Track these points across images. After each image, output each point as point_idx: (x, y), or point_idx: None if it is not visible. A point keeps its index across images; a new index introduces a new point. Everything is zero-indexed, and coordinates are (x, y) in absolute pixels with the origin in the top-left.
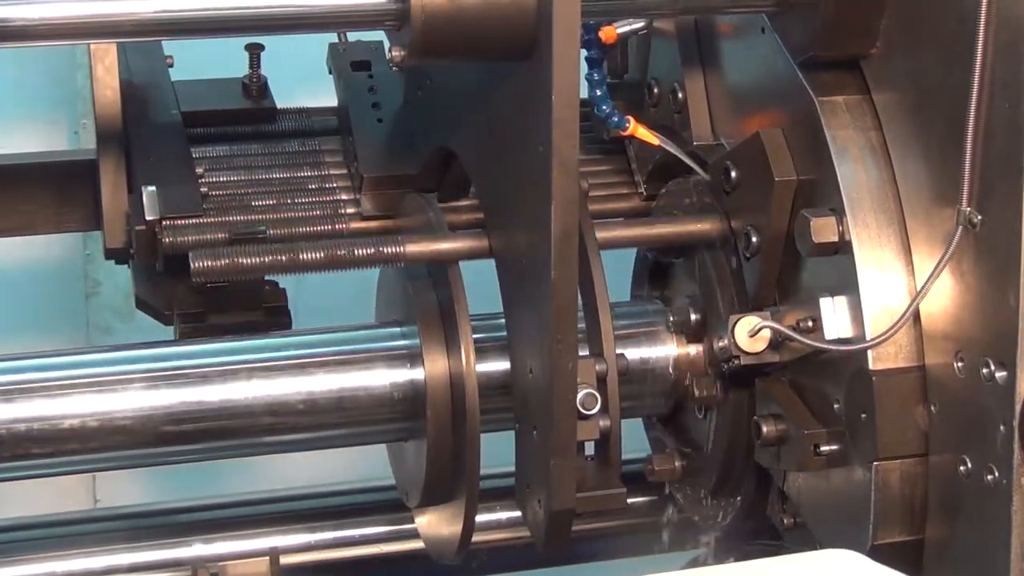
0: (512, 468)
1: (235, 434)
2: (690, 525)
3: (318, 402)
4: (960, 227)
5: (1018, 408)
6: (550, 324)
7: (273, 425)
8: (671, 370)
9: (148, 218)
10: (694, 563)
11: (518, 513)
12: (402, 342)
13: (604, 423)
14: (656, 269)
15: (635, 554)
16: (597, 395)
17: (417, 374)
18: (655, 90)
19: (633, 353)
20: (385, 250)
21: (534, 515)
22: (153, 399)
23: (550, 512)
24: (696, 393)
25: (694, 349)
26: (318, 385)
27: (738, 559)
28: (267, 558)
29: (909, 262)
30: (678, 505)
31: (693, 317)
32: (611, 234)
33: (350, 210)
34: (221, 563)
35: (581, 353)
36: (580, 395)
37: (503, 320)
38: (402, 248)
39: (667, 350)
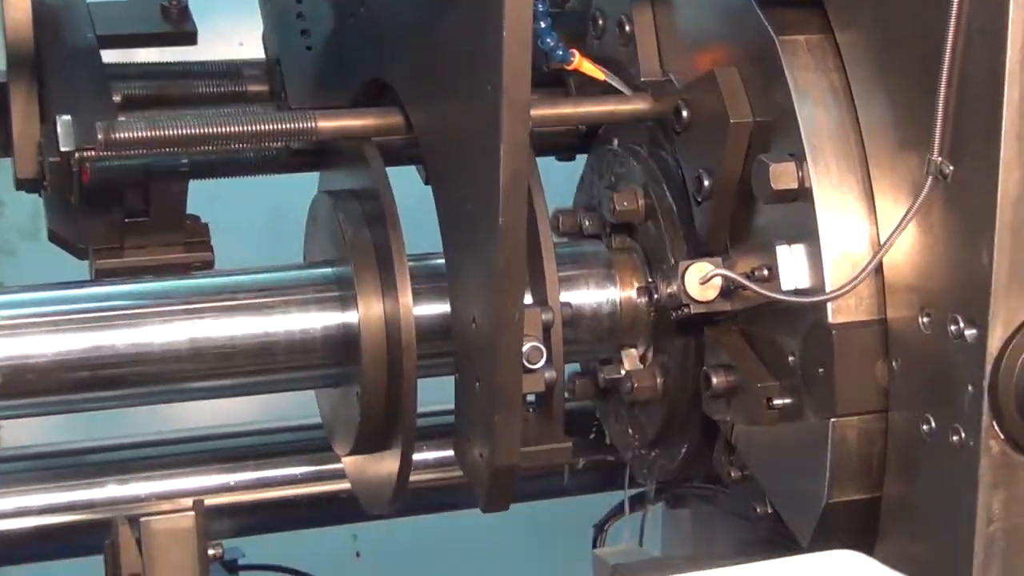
0: (441, 407)
1: (154, 380)
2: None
3: (243, 347)
4: (930, 178)
5: (988, 368)
6: (496, 274)
7: (195, 371)
8: (614, 315)
9: (63, 149)
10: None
11: (447, 453)
12: (334, 284)
13: (549, 375)
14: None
15: (562, 495)
16: (543, 348)
17: (350, 317)
18: (600, 21)
19: (574, 297)
20: (297, 125)
21: (475, 469)
22: (65, 343)
23: (493, 467)
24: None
25: (639, 294)
26: (243, 328)
27: (674, 503)
28: (192, 513)
29: (872, 211)
30: (617, 453)
31: (639, 261)
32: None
33: (277, 144)
34: (144, 518)
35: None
36: (526, 348)
37: (442, 261)
38: (314, 123)
39: (610, 294)
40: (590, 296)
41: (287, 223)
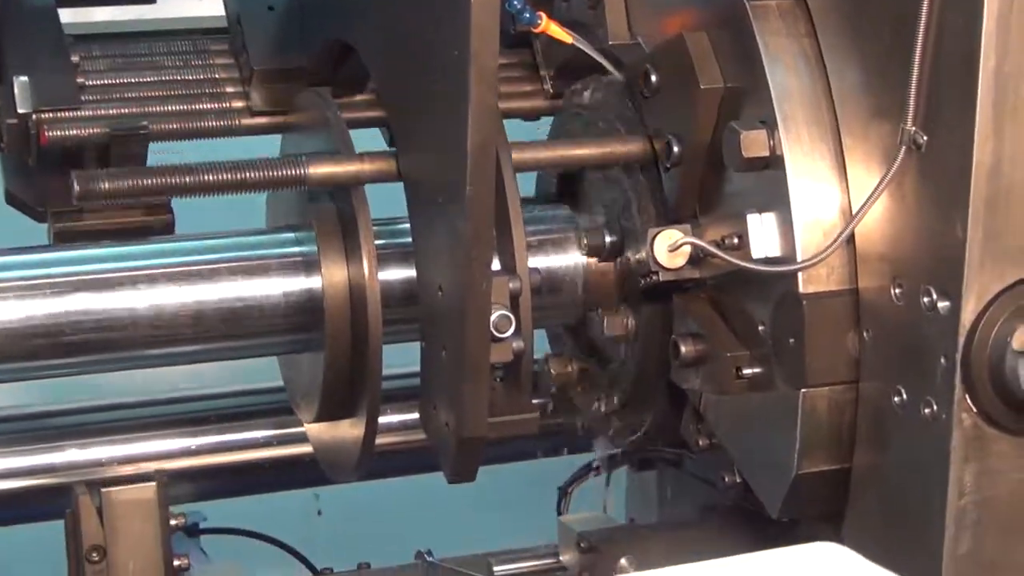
0: (404, 370)
1: (114, 347)
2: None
3: (206, 313)
4: (903, 147)
5: (961, 341)
6: (463, 242)
7: (157, 338)
8: (581, 282)
9: (20, 111)
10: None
11: (410, 416)
12: (297, 248)
13: (517, 344)
14: (565, 173)
15: (525, 459)
16: (511, 317)
17: (314, 283)
18: None
19: (541, 262)
20: (287, 172)
21: (441, 438)
22: (25, 309)
23: (460, 438)
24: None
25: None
26: (205, 295)
27: (639, 467)
28: (154, 484)
29: (844, 179)
30: (581, 421)
31: (607, 230)
32: (528, 156)
33: (238, 104)
34: (105, 488)
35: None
36: (494, 317)
37: (407, 225)
38: (304, 170)
39: (576, 259)
40: (557, 261)
41: None
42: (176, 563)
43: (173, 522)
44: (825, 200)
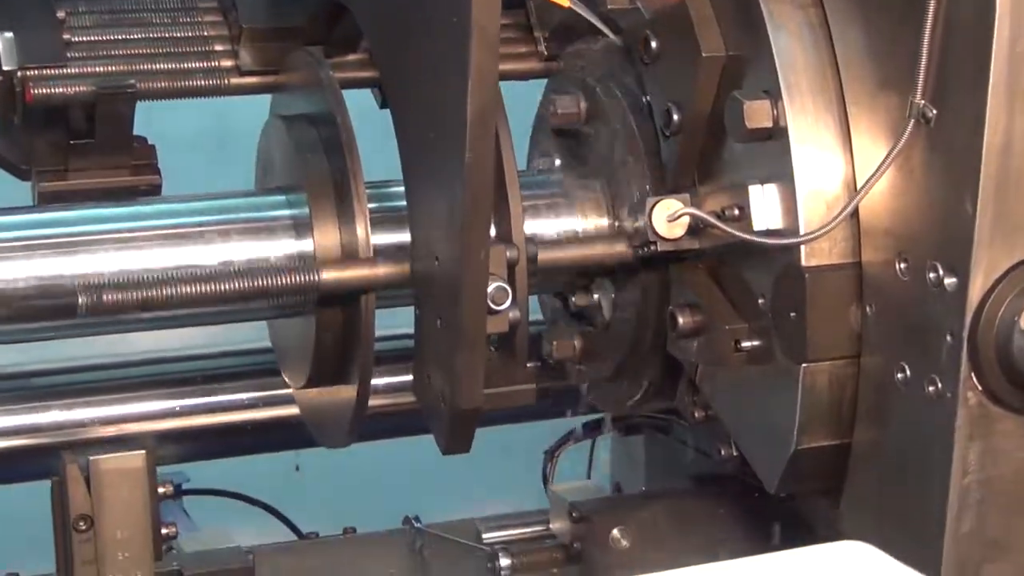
0: (391, 332)
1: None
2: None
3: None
4: (912, 121)
5: (968, 319)
6: (461, 211)
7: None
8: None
9: (5, 68)
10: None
11: (397, 379)
12: (288, 211)
13: (513, 315)
14: (560, 136)
15: (512, 421)
16: (508, 288)
17: (305, 246)
18: None
19: (536, 227)
20: (299, 280)
21: (435, 409)
22: (9, 271)
23: (455, 410)
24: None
25: (603, 226)
26: (195, 257)
27: (626, 431)
28: (143, 452)
29: (849, 151)
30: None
31: (603, 194)
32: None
33: (227, 63)
34: (94, 456)
35: None
36: (491, 288)
37: (400, 188)
38: (317, 277)
39: (572, 224)
40: (552, 227)
41: (231, 139)
42: (164, 531)
43: (161, 490)
44: (829, 172)
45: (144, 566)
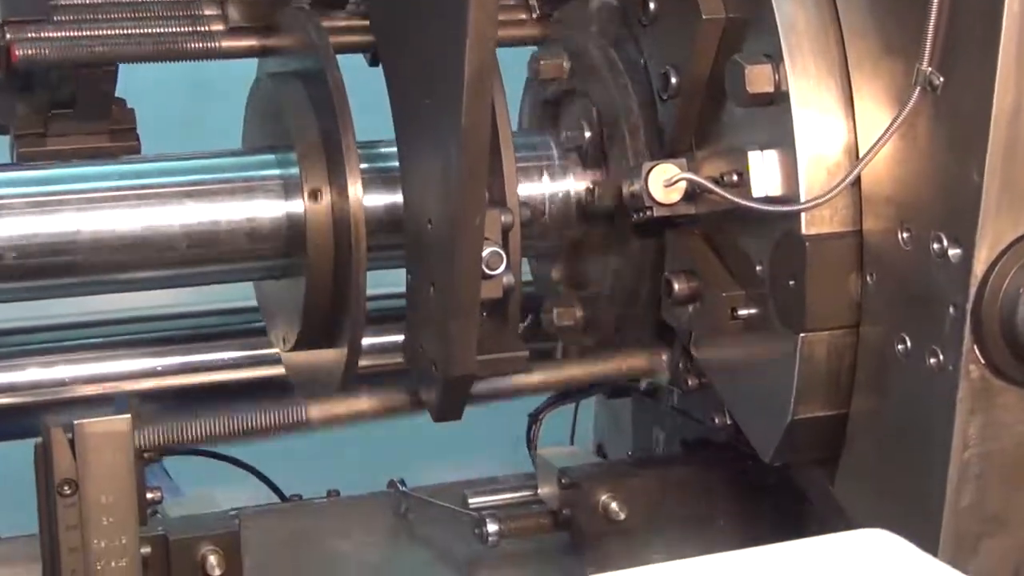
0: (380, 291)
1: (87, 271)
2: None
3: (181, 236)
4: (918, 88)
5: (973, 290)
6: (457, 176)
7: (125, 262)
8: (569, 211)
9: None
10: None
11: (385, 339)
12: (277, 171)
13: (507, 280)
14: (552, 101)
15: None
16: (503, 254)
17: (295, 206)
18: None
19: (528, 190)
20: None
21: (426, 375)
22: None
23: (448, 377)
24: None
25: (593, 185)
26: (181, 218)
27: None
28: (128, 416)
29: (851, 117)
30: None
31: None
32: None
33: (217, 27)
34: (78, 421)
35: None
36: (485, 253)
37: (392, 149)
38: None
39: (566, 186)
40: (544, 190)
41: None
42: (149, 495)
43: (146, 455)
44: (831, 138)
45: (129, 530)
